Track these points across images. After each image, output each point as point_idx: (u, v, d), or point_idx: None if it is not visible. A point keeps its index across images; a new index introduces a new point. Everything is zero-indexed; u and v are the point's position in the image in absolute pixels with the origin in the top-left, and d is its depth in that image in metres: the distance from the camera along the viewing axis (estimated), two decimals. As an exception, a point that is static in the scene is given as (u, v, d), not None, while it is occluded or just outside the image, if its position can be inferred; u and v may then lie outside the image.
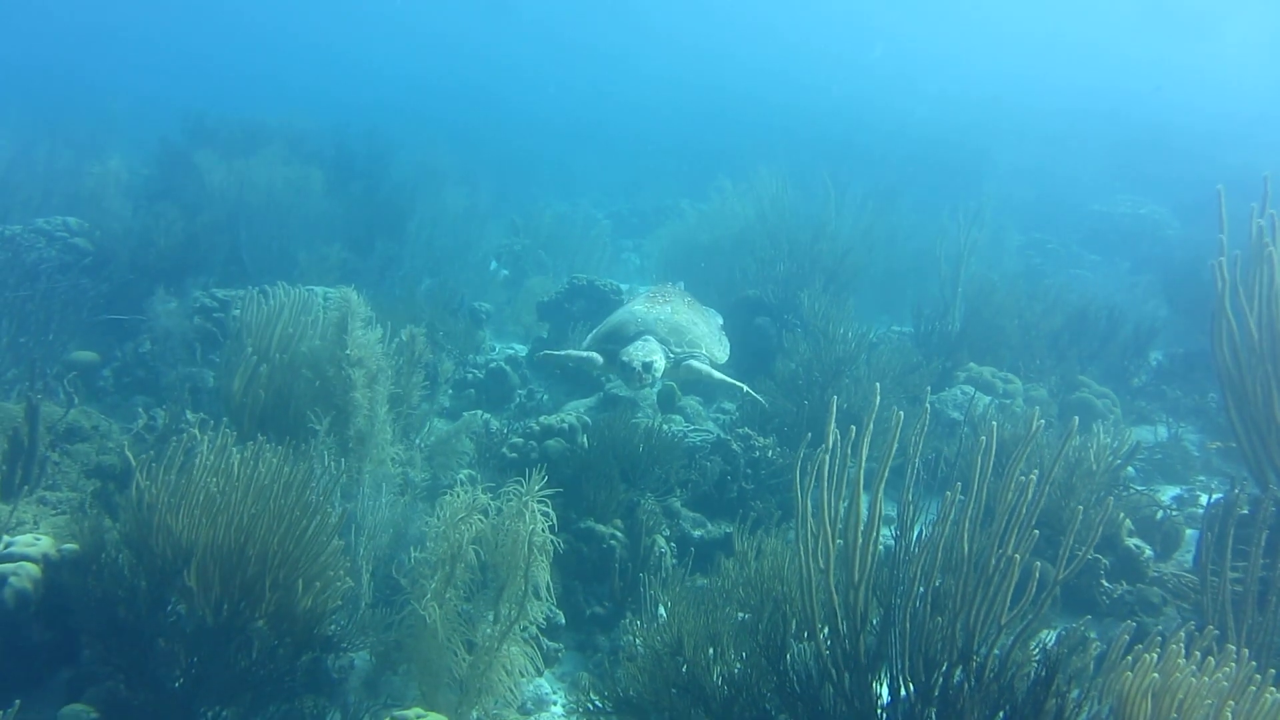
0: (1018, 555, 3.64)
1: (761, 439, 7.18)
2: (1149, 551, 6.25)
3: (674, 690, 4.66)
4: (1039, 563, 3.53)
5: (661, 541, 6.13)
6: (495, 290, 13.67)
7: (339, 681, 5.01)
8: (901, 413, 3.97)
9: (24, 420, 5.36)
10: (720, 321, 7.98)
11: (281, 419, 6.42)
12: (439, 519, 5.06)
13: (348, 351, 6.58)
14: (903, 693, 3.94)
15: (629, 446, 6.56)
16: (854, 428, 4.00)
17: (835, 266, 11.34)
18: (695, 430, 7.78)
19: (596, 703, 4.82)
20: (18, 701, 4.02)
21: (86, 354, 8.81)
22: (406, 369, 6.88)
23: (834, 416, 4.02)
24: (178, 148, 16.45)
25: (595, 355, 6.72)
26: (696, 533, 6.58)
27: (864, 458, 3.95)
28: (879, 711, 3.98)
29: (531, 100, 45.41)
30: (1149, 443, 8.68)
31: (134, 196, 13.53)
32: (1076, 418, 4.08)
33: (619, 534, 6.07)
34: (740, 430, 7.30)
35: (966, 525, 3.80)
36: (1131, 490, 7.01)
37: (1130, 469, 7.56)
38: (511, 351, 10.90)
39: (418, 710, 4.29)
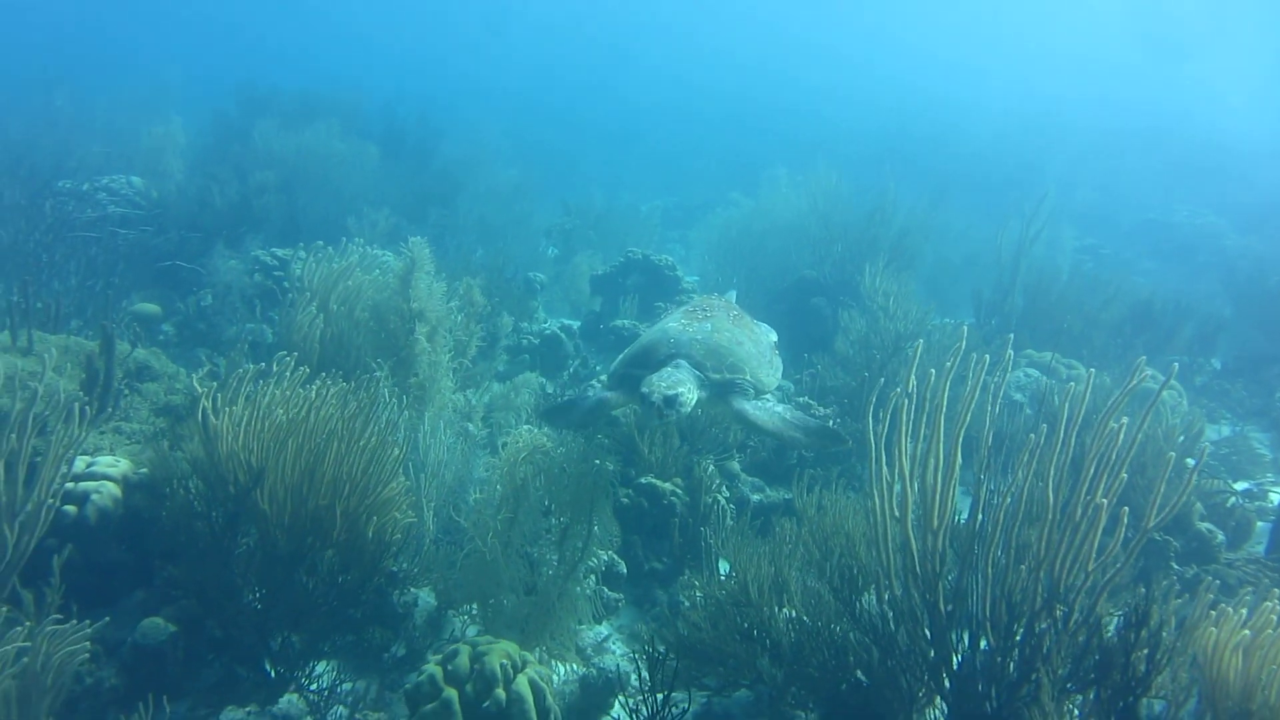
0: (1105, 501, 3.57)
1: (822, 408, 7.12)
2: (1221, 536, 6.11)
3: (738, 638, 4.64)
4: (1126, 508, 3.44)
5: (722, 500, 6.10)
6: (545, 266, 13.75)
7: (404, 616, 5.03)
8: (987, 356, 3.91)
9: (99, 351, 5.42)
10: (774, 338, 6.44)
11: (343, 368, 6.47)
12: (501, 458, 5.07)
13: (412, 305, 6.65)
14: (983, 644, 3.89)
15: (689, 407, 6.52)
16: (933, 371, 3.94)
17: (893, 249, 11.22)
18: (754, 399, 7.72)
19: (660, 650, 4.80)
20: (106, 618, 4.08)
21: (149, 306, 8.94)
22: (465, 321, 6.91)
23: (916, 362, 3.96)
24: (231, 115, 16.76)
25: (609, 396, 5.32)
26: (755, 496, 6.56)
27: (944, 401, 3.89)
28: (956, 660, 3.93)
29: (573, 104, 45.42)
30: (1215, 439, 8.53)
31: (189, 160, 13.80)
32: (1158, 390, 3.98)
33: (679, 491, 6.04)
34: (801, 399, 7.25)
35: (1052, 472, 3.73)
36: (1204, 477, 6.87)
37: (1189, 460, 7.43)
38: (564, 324, 10.93)
39: (488, 638, 4.28)
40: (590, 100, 46.59)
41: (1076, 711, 3.69)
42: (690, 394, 4.85)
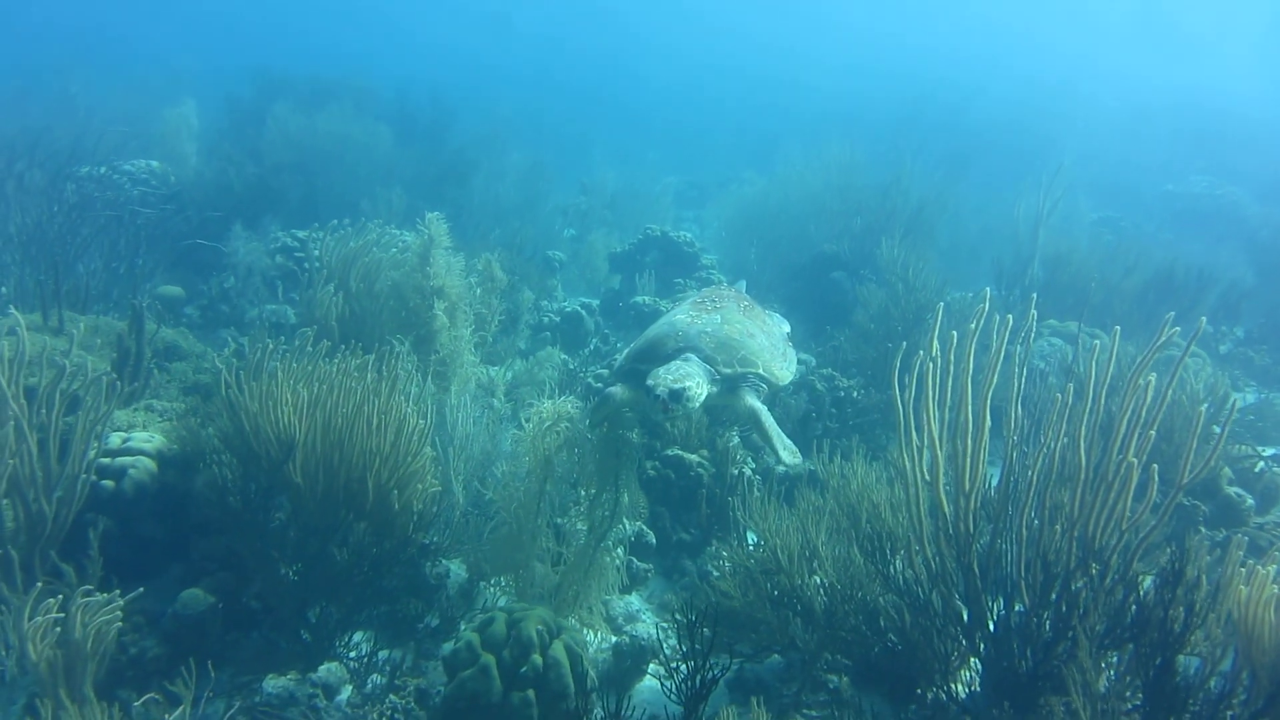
0: (1137, 460, 3.57)
1: (845, 380, 7.12)
2: (1250, 500, 6.10)
3: (769, 605, 4.67)
4: (1156, 466, 3.44)
5: (748, 471, 6.11)
6: (562, 246, 13.76)
7: (436, 587, 5.08)
8: (1010, 316, 3.91)
9: (130, 329, 5.46)
10: (787, 329, 6.24)
11: (364, 346, 6.53)
12: (527, 429, 5.08)
13: (431, 282, 6.67)
14: (1017, 606, 3.90)
15: (712, 381, 6.54)
16: (954, 334, 3.94)
17: (910, 221, 11.18)
18: (777, 370, 7.74)
19: (691, 617, 4.82)
20: (141, 589, 4.14)
21: (172, 288, 8.99)
22: (485, 296, 6.94)
23: (939, 323, 3.97)
24: (245, 100, 16.85)
25: (612, 392, 5.00)
26: (780, 468, 6.56)
27: (970, 362, 3.90)
28: (990, 622, 3.94)
29: (586, 85, 45.15)
30: (1241, 406, 8.49)
31: (204, 144, 13.89)
32: (1186, 346, 3.95)
33: (705, 463, 6.06)
34: (824, 371, 7.26)
35: (1083, 432, 3.72)
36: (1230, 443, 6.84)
37: (1215, 428, 7.40)
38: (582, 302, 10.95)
39: (523, 605, 4.31)
40: (602, 80, 46.41)
41: (1111, 673, 3.71)
42: (699, 388, 4.58)
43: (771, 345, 5.27)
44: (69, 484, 4.16)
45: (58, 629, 3.62)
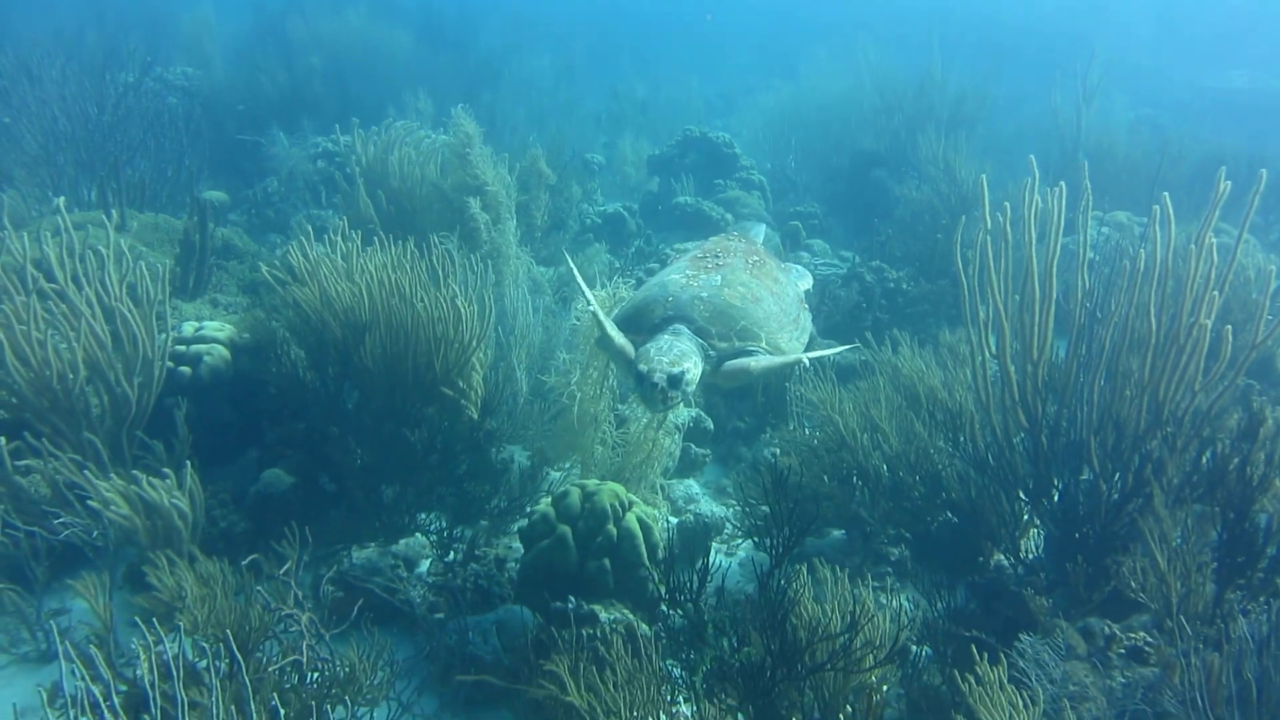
0: (1209, 322, 3.58)
1: (894, 271, 7.11)
2: (1303, 381, 6.10)
3: (833, 482, 4.77)
4: (1229, 327, 3.45)
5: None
6: (598, 151, 13.65)
7: (501, 471, 5.20)
8: (1063, 183, 3.91)
9: (195, 223, 5.53)
10: (807, 284, 5.23)
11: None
12: (586, 316, 5.13)
13: (473, 179, 6.69)
14: (1085, 474, 3.97)
15: (762, 272, 6.55)
16: (1007, 205, 3.94)
17: (950, 116, 10.99)
18: (825, 265, 7.74)
19: (752, 499, 4.94)
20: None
21: (217, 194, 9.04)
22: (535, 192, 6.96)
23: (986, 198, 3.95)
24: (268, 4, 16.68)
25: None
26: (830, 359, 6.62)
27: (1032, 233, 3.90)
28: (1057, 488, 4.02)
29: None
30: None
31: (227, 49, 13.78)
32: (1246, 214, 3.90)
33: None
34: (873, 264, 7.24)
35: (1154, 298, 3.73)
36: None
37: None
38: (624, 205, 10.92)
39: (595, 480, 4.43)
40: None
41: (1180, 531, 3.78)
42: (696, 369, 3.85)
43: (781, 311, 4.39)
44: (147, 369, 4.26)
45: (146, 492, 3.76)
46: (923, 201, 8.28)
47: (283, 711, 2.60)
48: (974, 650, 2.92)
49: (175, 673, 2.15)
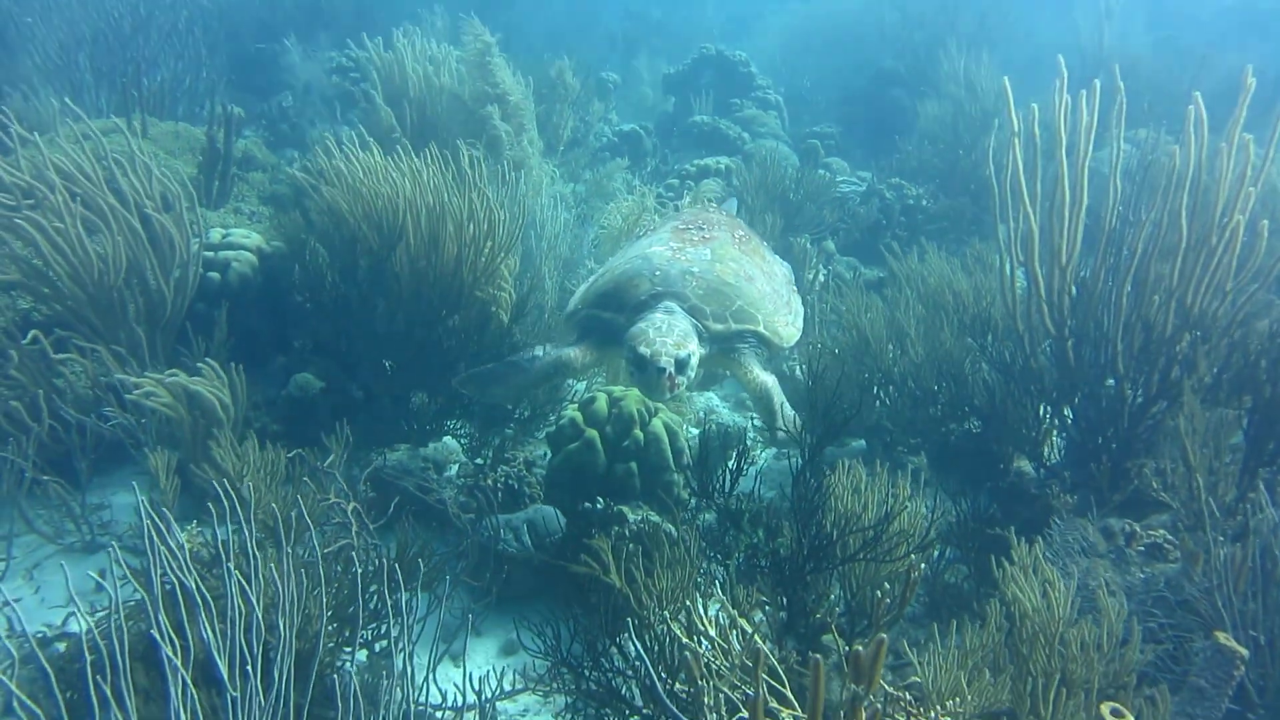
0: (1243, 218, 3.59)
1: (914, 188, 7.08)
2: (1324, 297, 6.10)
3: (855, 389, 4.82)
4: (1265, 221, 3.47)
5: (822, 274, 6.18)
6: (613, 69, 13.48)
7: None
8: (1097, 81, 3.89)
9: (220, 130, 5.51)
10: (788, 269, 4.72)
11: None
12: (612, 220, 5.13)
13: (493, 89, 6.63)
14: (1109, 380, 4.01)
15: (782, 185, 6.56)
16: (1035, 106, 3.92)
17: (973, 30, 10.81)
18: (845, 180, 7.70)
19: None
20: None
21: (233, 108, 8.95)
22: (560, 105, 6.91)
23: (1011, 100, 3.94)
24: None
25: (571, 354, 3.82)
26: (848, 275, 6.62)
27: (1063, 134, 3.89)
28: (1079, 394, 4.06)
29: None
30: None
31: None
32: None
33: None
34: (892, 180, 7.20)
35: (1185, 201, 3.72)
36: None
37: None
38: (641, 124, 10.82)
39: (620, 387, 4.49)
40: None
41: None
42: (699, 352, 3.45)
43: (774, 292, 3.96)
44: (183, 269, 4.30)
45: (189, 383, 3.84)
46: (944, 118, 8.21)
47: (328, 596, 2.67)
48: (999, 545, 3.00)
49: (227, 552, 2.22)
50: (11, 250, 3.87)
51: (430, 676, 2.99)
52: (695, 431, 5.29)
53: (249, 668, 2.14)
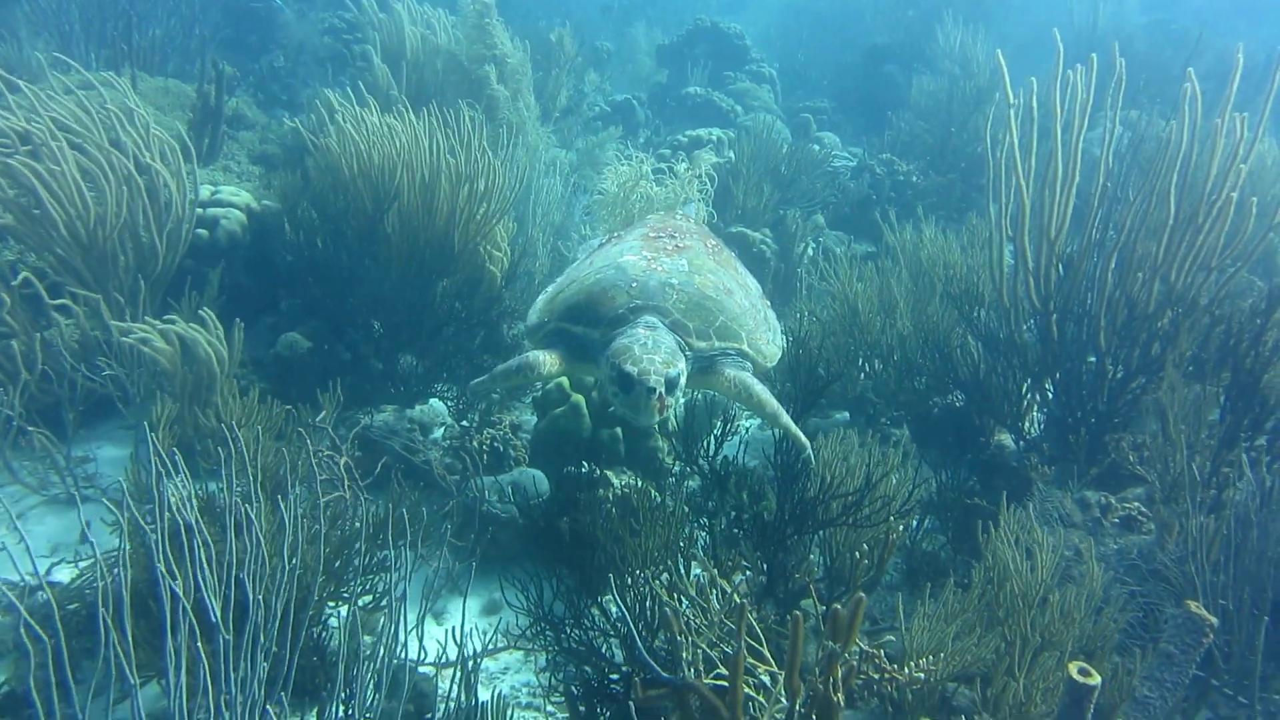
0: (1234, 195, 3.64)
1: (904, 164, 7.10)
2: (1305, 280, 6.18)
3: (843, 360, 4.87)
4: (1254, 198, 3.51)
5: (812, 248, 6.21)
6: (607, 39, 13.39)
7: (513, 347, 5.27)
8: (1094, 56, 3.94)
9: (213, 86, 5.46)
10: (758, 284, 4.18)
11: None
12: (609, 187, 5.12)
13: (491, 50, 6.59)
14: (1090, 358, 4.06)
15: (776, 159, 6.56)
16: (1033, 80, 3.94)
17: (969, 6, 10.78)
18: (836, 155, 7.71)
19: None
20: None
21: (224, 67, 8.85)
22: (558, 73, 6.88)
23: (1006, 74, 3.96)
24: None
25: (540, 359, 3.33)
26: (838, 249, 6.65)
27: (1059, 108, 3.93)
28: (1062, 369, 4.12)
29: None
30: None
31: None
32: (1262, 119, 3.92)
33: (769, 240, 6.14)
34: (883, 156, 7.22)
35: (1174, 180, 3.76)
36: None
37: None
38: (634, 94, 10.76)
39: (610, 351, 4.50)
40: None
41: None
42: (686, 372, 3.07)
43: (752, 306, 3.67)
44: (176, 225, 4.28)
45: (184, 330, 3.84)
46: (938, 94, 8.22)
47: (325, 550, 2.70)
48: (978, 515, 3.05)
49: (230, 494, 2.24)
50: (4, 195, 3.84)
51: (419, 630, 3.02)
52: (682, 399, 5.32)
53: (251, 611, 2.17)
